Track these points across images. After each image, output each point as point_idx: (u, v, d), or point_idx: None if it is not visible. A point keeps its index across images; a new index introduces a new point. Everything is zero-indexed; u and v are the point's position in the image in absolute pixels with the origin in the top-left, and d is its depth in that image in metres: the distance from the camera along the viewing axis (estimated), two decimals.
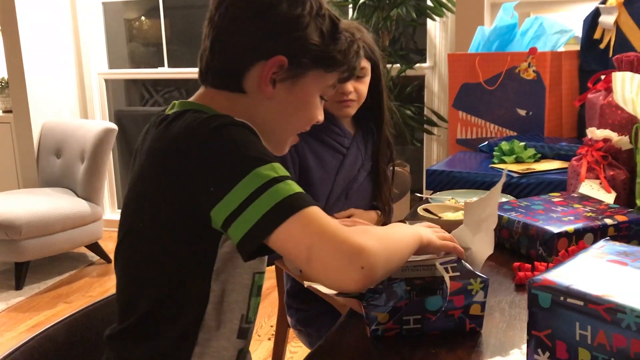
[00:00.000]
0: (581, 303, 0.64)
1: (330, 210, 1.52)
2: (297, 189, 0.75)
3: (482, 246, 0.94)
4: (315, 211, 0.74)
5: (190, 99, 0.90)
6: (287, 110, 0.90)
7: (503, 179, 0.95)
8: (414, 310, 0.84)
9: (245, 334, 0.90)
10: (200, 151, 0.77)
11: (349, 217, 1.48)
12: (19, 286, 3.10)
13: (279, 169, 0.76)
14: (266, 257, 0.89)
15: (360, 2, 2.98)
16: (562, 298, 0.66)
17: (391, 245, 0.79)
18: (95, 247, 3.44)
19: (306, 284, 0.96)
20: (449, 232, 1.04)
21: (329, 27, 0.89)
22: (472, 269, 0.86)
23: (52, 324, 0.94)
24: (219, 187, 0.74)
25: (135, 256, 0.87)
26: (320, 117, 0.96)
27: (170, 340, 0.84)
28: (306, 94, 0.91)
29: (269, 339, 2.48)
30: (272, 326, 2.55)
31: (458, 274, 0.84)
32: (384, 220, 1.63)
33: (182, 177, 0.78)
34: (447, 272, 0.84)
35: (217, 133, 0.77)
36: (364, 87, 1.50)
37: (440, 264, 0.86)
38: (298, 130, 0.95)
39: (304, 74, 0.88)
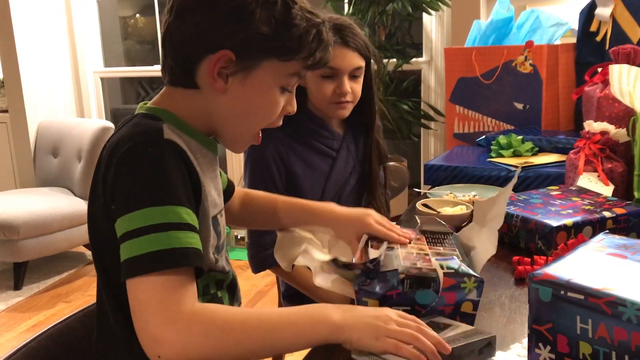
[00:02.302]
0: (582, 297, 0.64)
1: None
2: (179, 243, 0.74)
3: (486, 245, 0.94)
4: (176, 279, 0.73)
5: (154, 99, 0.90)
6: (243, 105, 0.86)
7: (515, 179, 0.94)
8: (403, 301, 0.83)
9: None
10: (114, 169, 0.77)
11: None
12: (18, 286, 3.09)
13: (175, 215, 0.75)
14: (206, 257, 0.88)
15: None
16: (562, 292, 0.66)
17: (223, 342, 0.72)
18: None
19: (316, 281, 0.94)
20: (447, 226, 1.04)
21: (281, 13, 0.82)
22: (467, 268, 0.85)
23: (53, 323, 0.94)
24: (118, 207, 0.76)
25: (96, 263, 0.88)
26: (292, 108, 0.91)
27: (138, 347, 0.84)
28: (262, 87, 0.85)
29: None
30: None
31: (452, 270, 0.83)
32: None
33: (100, 185, 0.80)
34: (442, 268, 0.83)
35: (136, 155, 0.77)
36: (359, 86, 1.45)
37: (436, 259, 0.85)
38: (259, 125, 0.91)
39: (256, 66, 0.84)
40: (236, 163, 3.71)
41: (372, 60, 1.47)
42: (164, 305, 0.72)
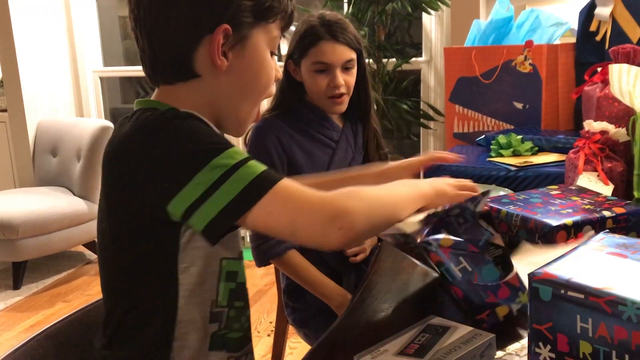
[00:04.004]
0: (582, 296, 0.64)
1: None
2: (262, 167, 0.77)
3: None
4: (288, 185, 0.77)
5: (150, 99, 0.89)
6: (246, 77, 0.88)
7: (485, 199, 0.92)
8: (474, 260, 0.81)
9: (217, 317, 0.89)
10: (148, 150, 0.77)
11: None
12: (16, 286, 3.09)
13: (236, 154, 0.76)
14: (238, 243, 0.91)
15: None
16: (562, 291, 0.66)
17: (376, 202, 0.81)
18: (92, 246, 3.44)
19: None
20: None
21: None
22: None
23: (53, 323, 0.94)
24: (173, 182, 0.74)
25: (106, 263, 0.88)
26: (278, 73, 0.94)
27: (148, 341, 0.84)
28: (258, 53, 0.88)
29: (269, 335, 2.48)
30: (271, 322, 2.55)
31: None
32: None
33: (132, 177, 0.78)
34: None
35: (162, 129, 0.77)
36: (352, 78, 1.50)
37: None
38: (261, 95, 0.92)
39: (249, 34, 0.86)
40: None
41: (363, 52, 1.52)
42: (309, 194, 0.77)
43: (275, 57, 0.93)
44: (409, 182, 0.90)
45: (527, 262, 0.95)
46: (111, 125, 3.40)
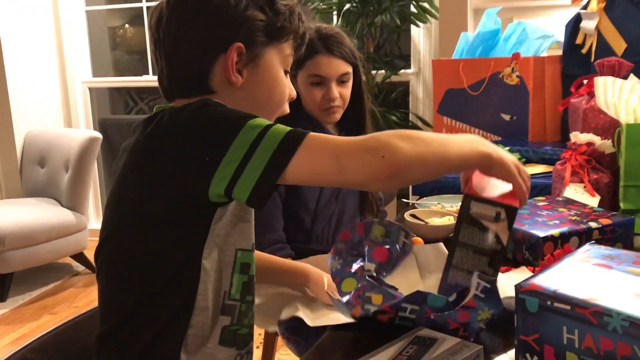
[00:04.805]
0: (568, 307, 0.65)
1: (321, 213, 1.53)
2: (289, 127, 0.79)
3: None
4: (319, 134, 0.79)
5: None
6: (260, 94, 0.93)
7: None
8: (414, 299, 0.83)
9: (230, 311, 0.90)
10: (185, 130, 0.80)
11: None
12: (2, 298, 3.06)
13: (263, 121, 0.79)
14: (252, 235, 0.93)
15: (345, 8, 2.99)
16: (549, 302, 0.66)
17: (423, 139, 0.79)
18: (80, 257, 3.41)
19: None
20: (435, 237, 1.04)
21: (266, 1, 0.91)
22: (500, 299, 0.82)
23: (38, 336, 0.93)
24: (213, 154, 0.77)
25: (120, 254, 0.87)
26: (293, 92, 0.99)
27: (163, 324, 0.85)
28: (271, 71, 0.93)
29: (257, 347, 2.47)
30: (260, 334, 2.54)
31: (483, 295, 0.81)
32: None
33: (171, 160, 0.81)
34: (477, 288, 0.81)
35: (198, 111, 0.81)
36: (347, 91, 1.52)
37: (478, 276, 0.82)
38: (275, 112, 0.97)
39: (262, 53, 0.91)
40: None
41: (359, 65, 1.55)
42: (342, 137, 0.78)
43: (287, 75, 0.97)
44: (474, 137, 0.85)
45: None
46: (100, 136, 3.38)
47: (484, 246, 0.82)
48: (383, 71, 3.13)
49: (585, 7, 2.00)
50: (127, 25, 4.61)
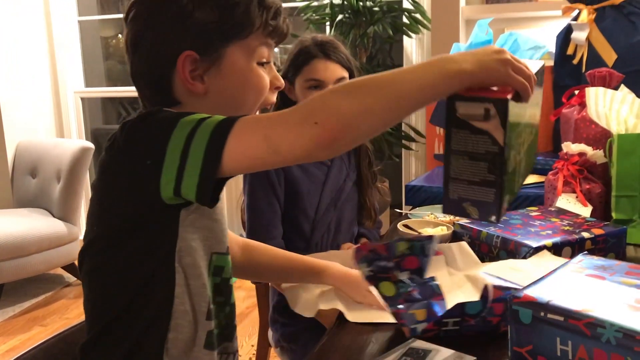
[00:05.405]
0: (561, 318, 0.65)
1: (320, 220, 1.55)
2: (224, 117, 0.75)
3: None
4: (250, 116, 0.74)
5: None
6: (230, 95, 0.88)
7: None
8: (454, 313, 0.84)
9: (211, 315, 0.89)
10: (128, 139, 0.78)
11: None
12: None
13: (202, 115, 0.76)
14: (226, 237, 0.92)
15: (338, 19, 3.01)
16: (542, 313, 0.66)
17: (367, 83, 0.70)
18: (72, 268, 3.38)
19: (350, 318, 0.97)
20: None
21: (215, 0, 0.85)
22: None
23: (28, 349, 0.92)
24: (153, 156, 0.75)
25: (95, 266, 0.87)
26: (278, 82, 0.93)
27: (142, 330, 0.84)
28: (238, 70, 0.87)
29: (250, 359, 2.45)
30: (252, 346, 2.52)
31: (502, 283, 0.83)
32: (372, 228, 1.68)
33: (122, 171, 0.80)
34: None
35: (140, 118, 0.79)
36: None
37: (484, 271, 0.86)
38: (252, 109, 0.92)
39: (222, 54, 0.86)
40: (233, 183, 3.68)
41: (354, 72, 1.59)
42: (273, 112, 0.73)
43: (273, 67, 0.92)
44: (440, 57, 0.73)
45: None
46: (92, 146, 3.37)
47: (479, 150, 0.72)
48: None
49: (576, 19, 2.02)
50: (119, 36, 4.61)
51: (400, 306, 0.86)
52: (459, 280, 1.03)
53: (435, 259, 1.00)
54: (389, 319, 0.92)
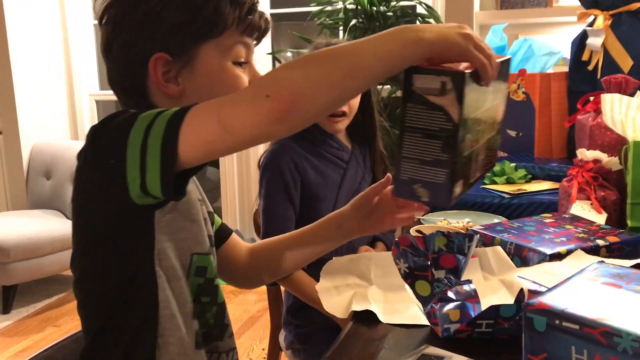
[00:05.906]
0: (577, 327, 0.64)
1: None
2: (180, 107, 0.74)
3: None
4: (203, 102, 0.72)
5: None
6: (206, 95, 0.84)
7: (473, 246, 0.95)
8: (488, 315, 0.84)
9: (195, 315, 0.89)
10: (93, 142, 0.78)
11: None
12: (6, 310, 3.05)
13: (160, 110, 0.75)
14: (207, 238, 0.91)
15: (351, 24, 3.01)
16: (557, 321, 0.66)
17: (322, 55, 0.68)
18: None
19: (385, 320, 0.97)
20: None
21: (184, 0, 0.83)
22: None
23: (42, 350, 0.93)
24: (115, 155, 0.74)
25: (82, 271, 0.87)
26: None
27: (131, 337, 0.84)
28: (213, 70, 0.85)
29: None
30: (263, 349, 2.52)
31: (538, 286, 0.83)
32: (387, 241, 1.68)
33: (92, 176, 0.80)
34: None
35: (103, 122, 0.78)
36: (355, 100, 1.57)
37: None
38: None
39: (195, 54, 0.84)
40: (230, 188, 3.70)
41: None
42: (226, 97, 0.71)
43: (254, 66, 0.90)
44: (401, 27, 0.70)
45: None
46: None
47: (433, 127, 0.68)
48: (388, 86, 3.14)
49: (591, 24, 2.00)
50: None
51: (435, 305, 0.86)
52: (495, 285, 1.02)
53: (470, 262, 0.99)
54: (423, 320, 0.91)
